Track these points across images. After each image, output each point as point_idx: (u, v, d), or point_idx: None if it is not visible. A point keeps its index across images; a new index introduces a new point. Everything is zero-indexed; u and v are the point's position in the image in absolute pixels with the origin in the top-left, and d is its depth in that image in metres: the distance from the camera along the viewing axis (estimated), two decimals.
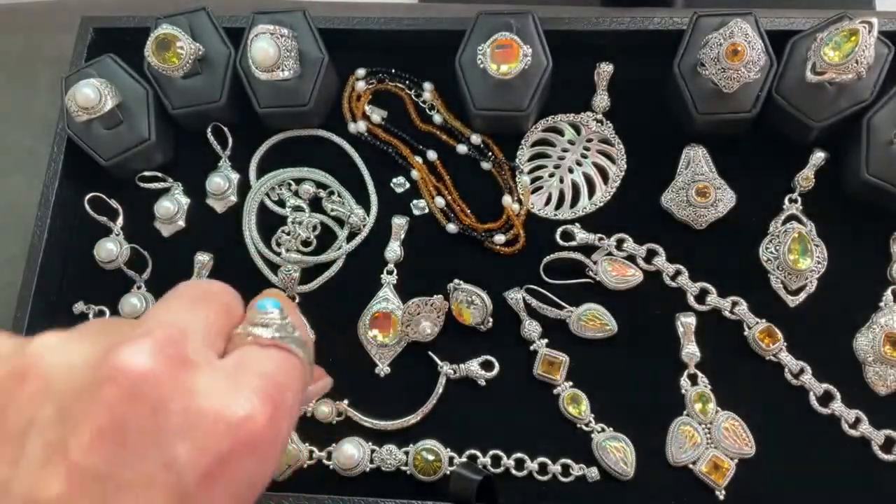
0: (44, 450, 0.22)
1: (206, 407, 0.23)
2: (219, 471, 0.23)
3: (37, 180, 0.56)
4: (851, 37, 0.47)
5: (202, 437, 0.23)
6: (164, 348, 0.23)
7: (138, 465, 0.22)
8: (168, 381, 0.23)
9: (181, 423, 0.23)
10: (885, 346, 0.48)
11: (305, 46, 0.54)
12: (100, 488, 0.22)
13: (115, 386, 0.22)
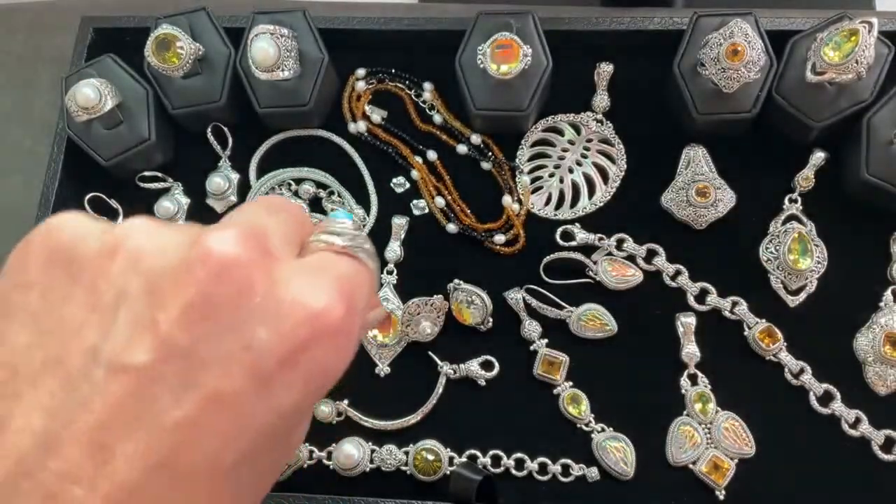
0: (133, 321, 0.22)
1: (287, 295, 0.24)
2: (296, 357, 0.24)
3: (37, 180, 0.56)
4: (851, 37, 0.47)
5: (282, 324, 0.24)
6: (248, 238, 0.24)
7: (221, 343, 0.23)
8: (252, 268, 0.24)
9: (263, 308, 0.23)
10: (885, 346, 0.48)
11: (305, 46, 0.54)
12: (183, 362, 0.22)
13: (204, 267, 0.23)
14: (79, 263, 0.24)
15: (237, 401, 0.23)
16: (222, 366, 0.23)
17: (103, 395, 0.22)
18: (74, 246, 0.25)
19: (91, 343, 0.22)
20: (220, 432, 0.23)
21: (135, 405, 0.22)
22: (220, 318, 0.23)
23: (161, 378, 0.22)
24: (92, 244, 0.24)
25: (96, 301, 0.23)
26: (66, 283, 0.24)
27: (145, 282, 0.23)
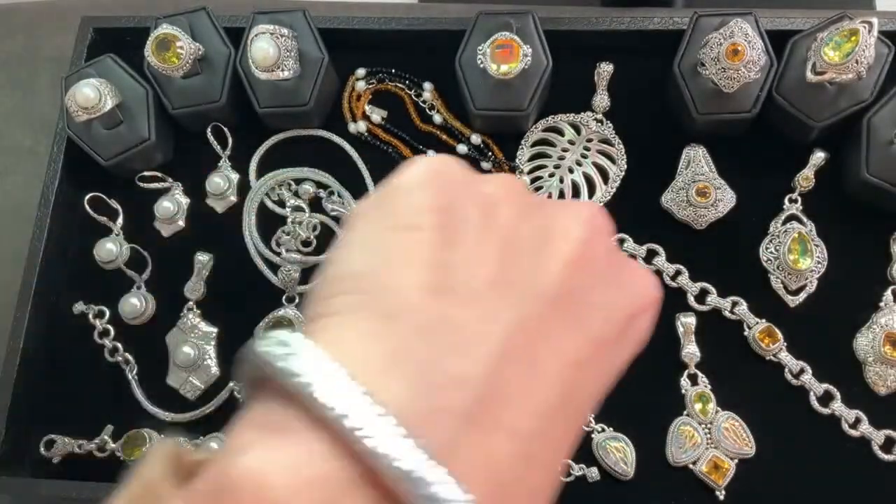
0: (540, 251, 0.26)
1: (629, 271, 0.28)
2: (635, 320, 0.27)
3: (37, 180, 0.56)
4: (851, 37, 0.47)
5: (632, 290, 0.27)
6: (606, 215, 0.28)
7: (599, 293, 0.26)
8: (612, 241, 0.28)
9: (618, 275, 0.27)
10: (886, 346, 0.48)
11: (305, 46, 0.54)
12: (575, 301, 0.25)
13: (592, 228, 0.27)
14: (480, 200, 0.27)
15: (607, 350, 0.26)
16: (602, 314, 0.26)
17: (528, 319, 0.24)
18: (469, 184, 0.27)
19: (512, 271, 0.25)
20: (595, 377, 0.26)
21: (547, 335, 0.24)
22: (597, 273, 0.26)
23: (562, 316, 0.25)
24: (487, 188, 0.27)
25: (508, 237, 0.26)
26: (475, 215, 0.26)
27: (544, 230, 0.26)
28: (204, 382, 0.53)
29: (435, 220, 0.25)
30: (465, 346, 0.23)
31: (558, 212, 0.27)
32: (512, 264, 0.25)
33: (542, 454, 0.23)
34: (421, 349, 0.22)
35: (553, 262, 0.25)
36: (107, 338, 0.54)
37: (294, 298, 0.54)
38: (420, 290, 0.24)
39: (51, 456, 0.52)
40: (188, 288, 0.55)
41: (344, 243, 0.26)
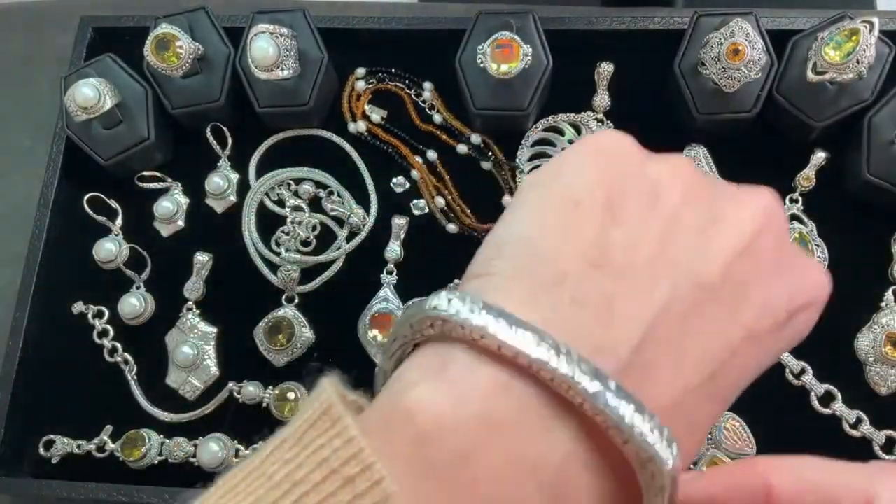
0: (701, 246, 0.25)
1: (800, 265, 0.28)
2: (797, 315, 0.27)
3: (36, 180, 0.56)
4: (852, 36, 0.47)
5: (800, 282, 0.27)
6: (781, 205, 0.28)
7: (761, 284, 0.26)
8: (785, 233, 0.28)
9: (787, 268, 0.27)
10: (886, 347, 0.48)
11: (305, 46, 0.54)
12: (735, 289, 0.25)
13: (763, 217, 0.27)
14: (648, 180, 0.27)
15: (760, 341, 0.26)
16: (760, 306, 0.26)
17: (683, 301, 0.24)
18: (639, 163, 0.28)
19: (674, 254, 0.25)
20: (742, 366, 0.26)
21: (702, 319, 0.25)
22: (762, 264, 0.26)
23: (720, 303, 0.25)
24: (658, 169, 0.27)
25: (673, 219, 0.26)
26: (642, 195, 0.26)
27: (712, 214, 0.26)
28: (203, 382, 0.53)
29: (601, 197, 0.26)
30: (614, 320, 0.24)
31: (729, 198, 0.27)
32: (673, 247, 0.25)
33: (680, 430, 0.24)
34: (571, 319, 0.24)
35: (715, 250, 0.25)
36: (106, 338, 0.54)
37: (294, 298, 0.54)
38: (578, 262, 0.24)
39: (50, 456, 0.52)
40: (187, 288, 0.55)
41: (512, 209, 0.27)
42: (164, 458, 0.51)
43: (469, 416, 0.22)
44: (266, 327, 0.53)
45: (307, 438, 0.23)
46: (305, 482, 0.22)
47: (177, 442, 0.51)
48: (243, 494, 0.23)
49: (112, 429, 0.52)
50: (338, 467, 0.21)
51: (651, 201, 0.26)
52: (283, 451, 0.23)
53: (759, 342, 0.26)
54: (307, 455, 0.22)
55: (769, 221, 0.27)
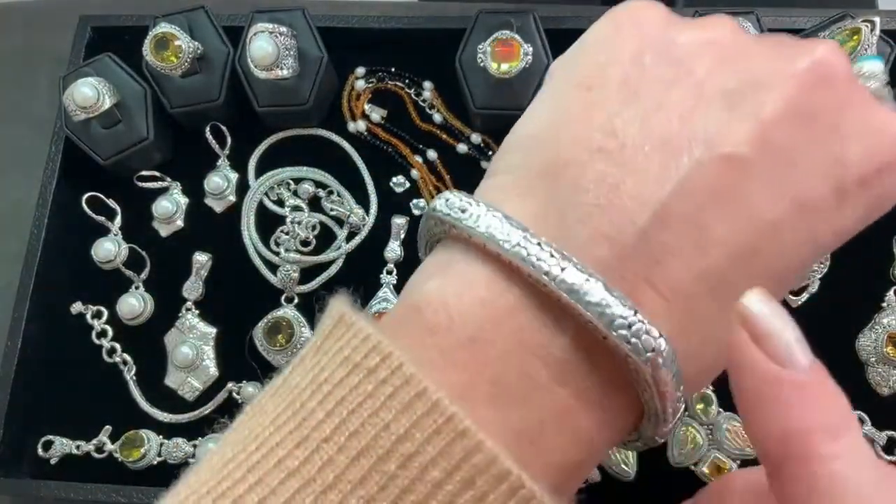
0: (737, 114, 0.23)
1: (876, 119, 0.25)
2: (871, 180, 0.25)
3: (35, 180, 0.56)
4: (854, 35, 0.47)
5: (872, 144, 0.24)
6: (841, 55, 0.25)
7: (813, 151, 0.24)
8: (851, 84, 0.24)
9: (856, 127, 0.24)
10: (888, 347, 0.48)
11: (305, 45, 0.54)
12: (777, 162, 0.23)
13: (813, 73, 0.24)
14: (674, 50, 0.25)
15: (815, 212, 0.24)
16: (812, 174, 0.23)
17: (705, 178, 0.23)
18: (666, 33, 0.25)
19: (696, 128, 0.23)
20: (800, 240, 0.24)
21: (731, 194, 0.23)
22: (816, 126, 0.24)
23: (756, 174, 0.23)
24: (686, 36, 0.25)
25: (699, 89, 0.24)
26: (666, 67, 0.24)
27: (749, 78, 0.24)
28: (202, 383, 0.53)
29: (618, 75, 0.25)
30: (617, 206, 0.23)
31: (773, 56, 0.24)
32: (696, 119, 0.23)
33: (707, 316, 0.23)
34: (572, 206, 0.23)
35: (747, 118, 0.23)
36: (105, 338, 0.54)
37: (293, 298, 0.54)
38: (586, 148, 0.24)
39: (49, 457, 0.52)
40: (187, 288, 0.55)
41: (533, 101, 0.27)
42: (164, 459, 0.51)
43: (471, 304, 0.23)
44: (265, 327, 0.53)
45: (325, 346, 0.24)
46: (329, 381, 0.22)
47: (176, 443, 0.51)
48: (271, 407, 0.23)
49: (111, 429, 0.52)
50: (359, 361, 0.22)
51: (675, 72, 0.24)
52: (303, 365, 0.24)
53: (818, 213, 0.24)
54: (328, 359, 0.23)
55: (825, 77, 0.24)
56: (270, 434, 0.22)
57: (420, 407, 0.21)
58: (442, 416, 0.21)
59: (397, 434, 0.21)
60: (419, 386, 0.21)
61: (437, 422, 0.21)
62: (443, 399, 0.21)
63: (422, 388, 0.21)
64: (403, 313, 0.24)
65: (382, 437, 0.21)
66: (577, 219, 0.23)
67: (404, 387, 0.21)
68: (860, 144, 0.24)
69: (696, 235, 0.23)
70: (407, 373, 0.21)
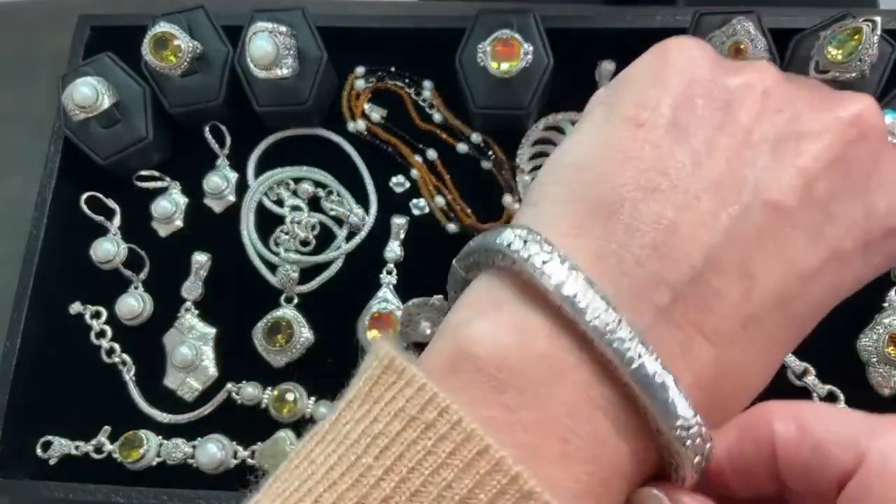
0: (784, 163, 0.24)
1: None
2: (885, 238, 0.25)
3: (34, 179, 0.56)
4: (855, 35, 0.47)
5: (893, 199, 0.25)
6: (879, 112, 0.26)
7: (849, 203, 0.24)
8: (884, 141, 0.25)
9: (885, 181, 0.25)
10: (889, 347, 0.48)
11: (304, 45, 0.54)
12: (818, 213, 0.24)
13: (854, 128, 0.24)
14: (722, 94, 0.25)
15: (846, 262, 0.25)
16: (847, 226, 0.24)
17: (753, 224, 0.23)
18: (713, 75, 0.25)
19: (744, 174, 0.23)
20: (827, 289, 0.25)
21: (776, 241, 0.23)
22: (853, 179, 0.24)
23: (799, 224, 0.23)
24: (733, 80, 0.25)
25: (746, 136, 0.24)
26: (714, 111, 0.25)
27: (794, 128, 0.24)
28: (202, 383, 0.53)
29: (667, 116, 0.25)
30: (672, 250, 0.23)
31: (816, 107, 0.25)
32: (744, 165, 0.24)
33: (746, 356, 0.24)
34: (628, 248, 0.23)
35: (794, 167, 0.23)
36: (104, 338, 0.54)
37: (293, 298, 0.54)
38: (635, 186, 0.23)
39: (48, 457, 0.52)
40: (186, 288, 0.54)
41: (577, 129, 0.27)
42: (163, 460, 0.51)
43: (534, 358, 0.22)
44: (265, 328, 0.52)
45: (375, 394, 0.23)
46: (385, 434, 0.21)
47: (175, 443, 0.51)
48: (322, 458, 0.22)
49: (110, 430, 0.52)
50: (416, 414, 0.21)
51: (723, 116, 0.24)
52: (351, 412, 0.23)
53: (847, 263, 0.25)
54: (380, 409, 0.22)
55: (863, 131, 0.25)
56: (325, 491, 0.21)
57: (483, 465, 0.20)
58: (506, 477, 0.20)
59: (461, 494, 0.20)
60: (482, 443, 0.20)
61: (500, 482, 0.20)
62: (506, 458, 0.20)
63: (484, 445, 0.20)
64: (455, 358, 0.23)
65: (445, 497, 0.20)
66: (636, 262, 0.23)
67: (465, 443, 0.21)
68: (887, 199, 0.25)
69: (744, 281, 0.23)
70: (468, 428, 0.21)
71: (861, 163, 0.24)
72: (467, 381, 0.22)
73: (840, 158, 0.24)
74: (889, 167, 0.25)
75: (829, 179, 0.24)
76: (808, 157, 0.24)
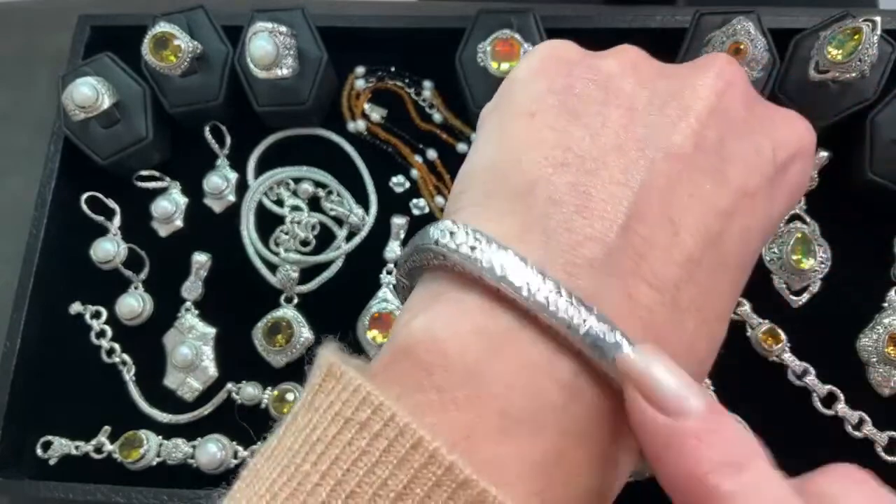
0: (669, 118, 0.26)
1: (777, 115, 0.29)
2: (786, 167, 0.28)
3: (34, 180, 0.56)
4: (854, 35, 0.47)
5: (780, 137, 0.28)
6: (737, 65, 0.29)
7: (738, 145, 0.26)
8: (748, 89, 0.28)
9: (763, 123, 0.28)
10: (889, 347, 0.48)
11: (304, 45, 0.54)
12: (714, 156, 0.26)
13: (721, 80, 0.27)
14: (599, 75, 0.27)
15: (756, 198, 0.26)
16: (744, 165, 0.26)
17: (662, 174, 0.25)
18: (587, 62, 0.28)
19: (640, 135, 0.25)
20: (745, 226, 0.26)
21: (686, 187, 0.25)
22: (734, 123, 0.27)
23: (701, 168, 0.25)
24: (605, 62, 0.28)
25: (631, 104, 0.26)
26: (596, 91, 0.27)
27: (671, 90, 0.27)
28: (202, 383, 0.53)
29: (554, 100, 0.27)
30: (594, 209, 0.24)
31: (683, 73, 0.28)
32: (638, 127, 0.26)
33: (693, 300, 0.24)
34: (551, 217, 0.24)
35: (683, 119, 0.26)
36: (104, 338, 0.54)
37: (293, 298, 0.54)
38: (546, 165, 0.25)
39: (48, 457, 0.52)
40: (186, 288, 0.54)
41: (475, 142, 0.28)
42: (163, 460, 0.51)
43: (466, 334, 0.22)
44: (265, 328, 0.52)
45: (316, 402, 0.23)
46: (322, 440, 0.22)
47: (175, 443, 0.51)
48: (267, 472, 0.22)
49: (110, 430, 0.52)
50: (350, 415, 0.21)
51: (605, 93, 0.27)
52: (296, 424, 0.23)
53: (755, 200, 0.26)
54: (319, 416, 0.22)
55: (729, 81, 0.27)
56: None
57: (418, 459, 0.20)
58: (440, 468, 0.20)
59: (396, 491, 0.20)
60: (415, 436, 0.20)
61: (436, 474, 0.20)
62: (440, 448, 0.20)
63: (418, 437, 0.20)
64: (392, 357, 0.23)
65: (381, 495, 0.20)
66: (561, 227, 0.24)
67: (399, 438, 0.20)
68: (770, 137, 0.27)
69: (668, 226, 0.24)
70: (401, 423, 0.21)
71: (735, 108, 0.27)
72: (401, 371, 0.23)
73: (717, 108, 0.26)
74: (760, 109, 0.28)
75: (713, 127, 0.26)
76: (691, 111, 0.26)
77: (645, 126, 0.26)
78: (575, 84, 0.27)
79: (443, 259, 0.24)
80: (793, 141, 0.28)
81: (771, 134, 0.28)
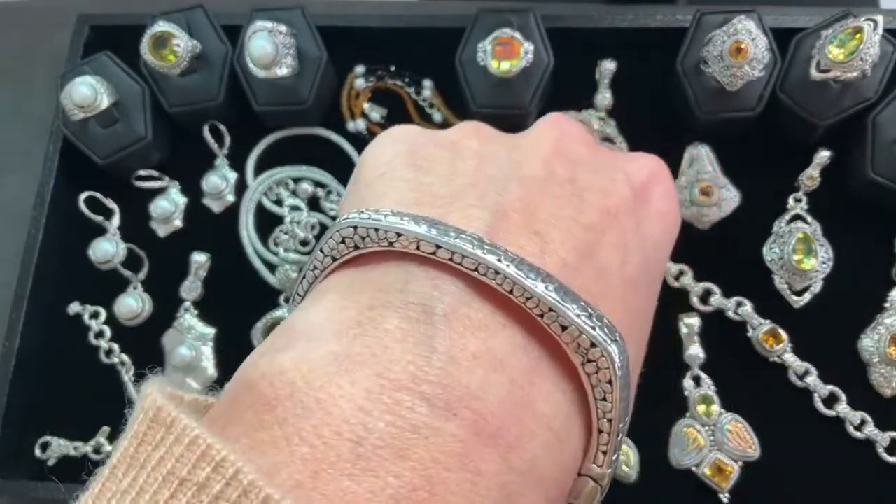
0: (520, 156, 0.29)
1: (626, 154, 0.33)
2: (646, 189, 0.31)
3: (32, 179, 0.56)
4: (856, 34, 0.47)
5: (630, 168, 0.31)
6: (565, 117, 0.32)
7: (589, 175, 0.29)
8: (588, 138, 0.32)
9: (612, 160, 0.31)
10: (891, 347, 0.48)
11: (304, 44, 0.54)
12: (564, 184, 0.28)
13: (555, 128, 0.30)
14: (442, 139, 0.30)
15: (620, 217, 0.28)
16: (601, 190, 0.28)
17: (518, 198, 0.26)
18: (427, 133, 0.31)
19: (491, 173, 0.28)
20: (618, 242, 0.27)
21: (548, 207, 0.26)
22: (580, 161, 0.29)
23: (557, 194, 0.27)
24: (447, 132, 0.31)
25: (480, 155, 0.29)
26: (442, 151, 0.29)
27: (512, 143, 0.30)
28: (201, 384, 0.53)
29: (405, 160, 0.29)
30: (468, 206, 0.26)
31: (523, 132, 0.31)
32: (489, 169, 0.28)
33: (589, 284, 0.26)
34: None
35: (530, 160, 0.28)
36: (102, 339, 0.54)
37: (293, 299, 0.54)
38: (403, 205, 0.26)
39: (46, 458, 0.52)
40: (185, 288, 0.54)
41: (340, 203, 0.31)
42: None
43: (315, 361, 0.21)
44: (264, 328, 0.52)
45: (142, 456, 0.19)
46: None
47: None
48: None
49: (109, 430, 0.52)
50: (186, 476, 0.18)
51: (452, 152, 0.29)
52: (114, 482, 0.19)
53: (619, 218, 0.28)
54: (146, 476, 0.19)
55: (563, 131, 0.30)
56: None
57: None
58: None
59: None
60: (260, 495, 0.18)
61: None
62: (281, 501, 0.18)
63: (265, 495, 0.18)
64: (236, 394, 0.21)
65: None
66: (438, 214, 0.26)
67: (242, 499, 0.18)
68: (621, 170, 0.30)
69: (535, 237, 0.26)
70: (244, 480, 0.18)
71: (578, 150, 0.30)
72: (242, 407, 0.20)
73: (559, 149, 0.29)
74: (603, 152, 0.31)
75: (560, 165, 0.28)
76: (535, 154, 0.29)
77: (496, 167, 0.28)
78: (421, 150, 0.29)
79: None
80: (644, 169, 0.31)
81: (622, 167, 0.30)
